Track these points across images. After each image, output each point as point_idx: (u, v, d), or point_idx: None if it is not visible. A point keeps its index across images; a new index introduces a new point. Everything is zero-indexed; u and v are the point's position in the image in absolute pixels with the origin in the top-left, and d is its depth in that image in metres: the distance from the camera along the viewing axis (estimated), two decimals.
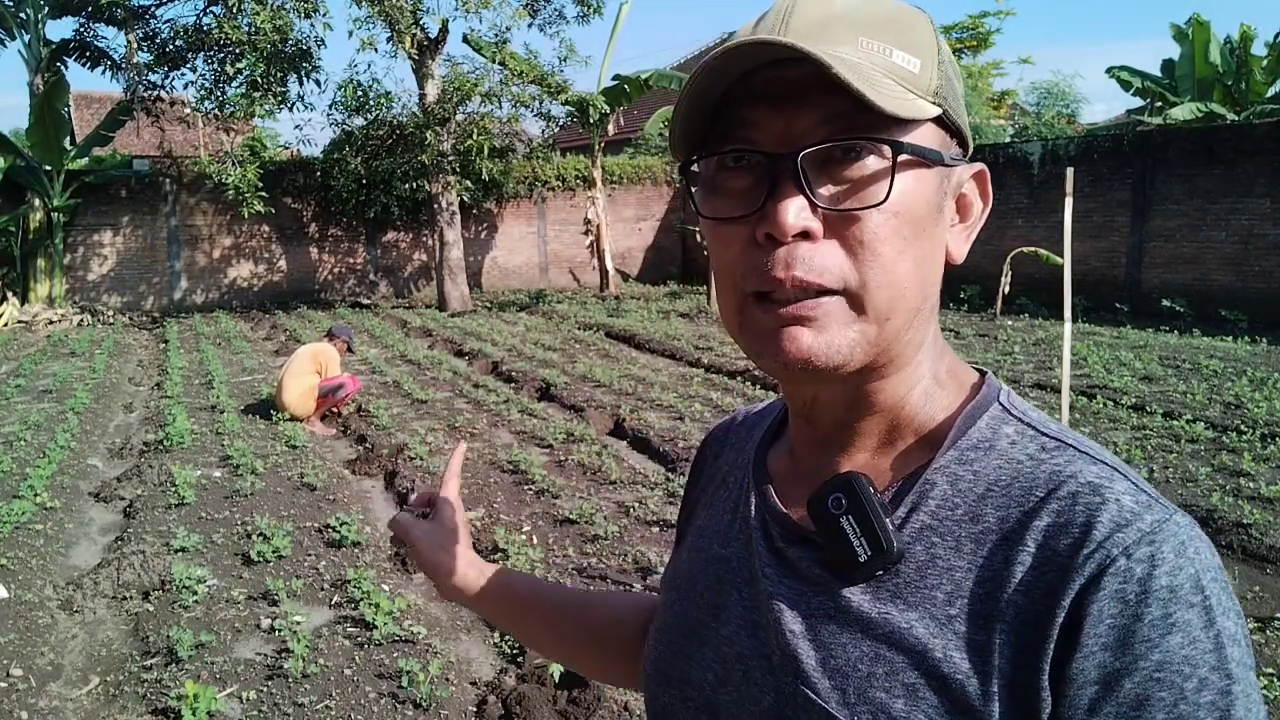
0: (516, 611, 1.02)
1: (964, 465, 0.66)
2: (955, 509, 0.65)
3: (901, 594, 0.65)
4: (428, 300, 17.82)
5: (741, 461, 0.83)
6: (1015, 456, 0.66)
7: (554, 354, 11.00)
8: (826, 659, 0.66)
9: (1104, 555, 0.58)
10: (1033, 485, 0.63)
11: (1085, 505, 0.61)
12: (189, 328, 14.70)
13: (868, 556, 0.65)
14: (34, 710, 3.49)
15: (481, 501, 5.65)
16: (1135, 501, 0.60)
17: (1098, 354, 9.99)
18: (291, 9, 14.29)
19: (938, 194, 0.67)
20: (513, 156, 17.14)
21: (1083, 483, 0.62)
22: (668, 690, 0.78)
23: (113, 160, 17.42)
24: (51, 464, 6.45)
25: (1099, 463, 0.64)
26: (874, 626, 0.65)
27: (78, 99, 24.52)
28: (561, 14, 16.54)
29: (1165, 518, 0.60)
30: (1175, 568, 0.58)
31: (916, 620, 0.63)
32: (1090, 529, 0.59)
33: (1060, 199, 4.43)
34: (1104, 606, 0.57)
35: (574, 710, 3.30)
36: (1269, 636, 3.77)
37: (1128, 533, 0.59)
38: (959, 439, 0.67)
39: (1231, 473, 5.75)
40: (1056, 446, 0.65)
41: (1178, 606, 0.57)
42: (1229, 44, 16.34)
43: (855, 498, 0.66)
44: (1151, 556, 0.58)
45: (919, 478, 0.67)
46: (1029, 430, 0.67)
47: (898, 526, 0.66)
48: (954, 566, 0.64)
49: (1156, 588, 0.57)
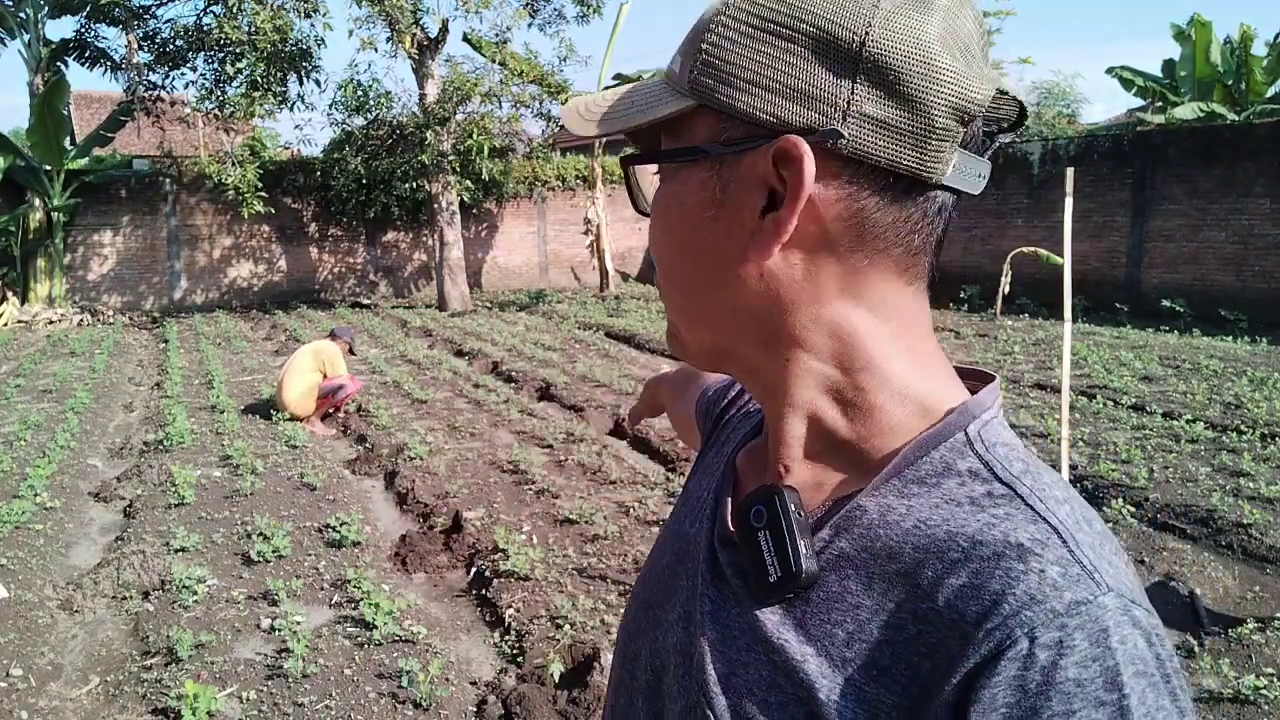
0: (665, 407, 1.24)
1: (901, 498, 0.60)
2: (876, 541, 0.59)
3: (805, 624, 0.60)
4: (428, 300, 17.83)
5: (732, 440, 0.81)
6: (956, 498, 0.58)
7: (554, 354, 11.00)
8: (730, 676, 0.62)
9: (1004, 634, 0.51)
10: (959, 534, 0.56)
11: (1005, 570, 0.53)
12: (189, 327, 14.70)
13: (777, 577, 0.60)
14: (34, 710, 3.49)
15: (481, 501, 5.65)
16: (1062, 574, 0.52)
17: (1098, 354, 9.99)
18: (291, 9, 14.30)
19: (708, 188, 0.62)
20: (513, 156, 17.15)
21: (1011, 544, 0.54)
22: (624, 665, 0.77)
23: (113, 160, 17.43)
24: (51, 464, 6.45)
25: (1039, 521, 0.55)
26: (774, 652, 0.60)
27: (78, 99, 24.50)
28: (561, 14, 16.57)
29: (1088, 598, 0.52)
30: (1088, 659, 0.50)
31: (811, 656, 0.59)
32: (1001, 600, 0.52)
33: (1060, 199, 4.43)
34: (998, 694, 0.50)
35: (574, 710, 3.30)
36: (1269, 636, 3.77)
37: (1037, 611, 0.51)
38: (903, 468, 0.61)
39: (1231, 473, 5.75)
40: (1004, 495, 0.57)
41: (1084, 704, 0.49)
42: (1229, 44, 16.34)
43: (775, 512, 0.62)
44: (1060, 642, 0.50)
45: (849, 501, 0.62)
46: (984, 470, 0.59)
47: (818, 550, 0.61)
48: (861, 605, 0.58)
49: (1061, 679, 0.50)
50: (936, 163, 0.58)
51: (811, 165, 0.57)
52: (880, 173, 0.58)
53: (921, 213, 0.60)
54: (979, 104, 0.58)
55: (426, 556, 4.91)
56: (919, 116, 0.57)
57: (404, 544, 5.08)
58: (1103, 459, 6.06)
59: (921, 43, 0.56)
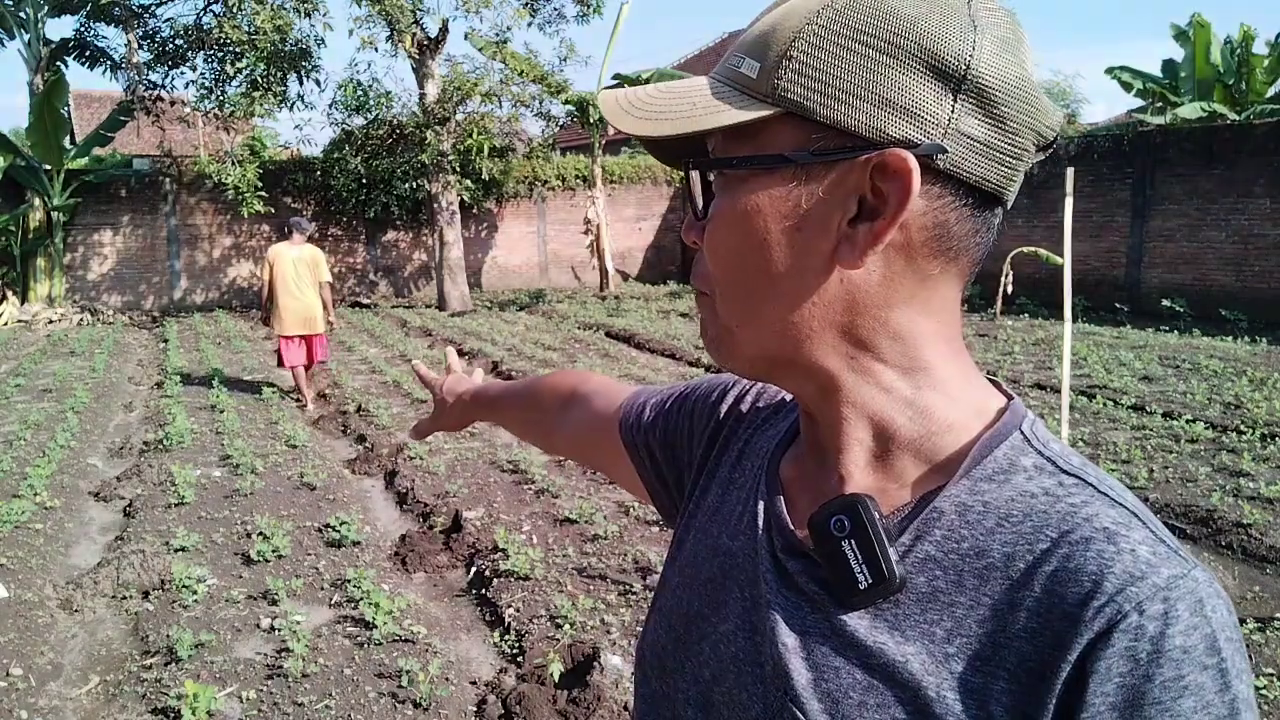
0: (490, 417, 1.32)
1: (975, 495, 0.63)
2: (962, 541, 0.62)
3: (899, 625, 0.62)
4: (427, 300, 17.82)
5: (759, 451, 0.80)
6: (1029, 490, 0.62)
7: (554, 354, 11.00)
8: (818, 680, 0.64)
9: (1115, 610, 0.55)
10: (1044, 524, 0.60)
11: (1098, 553, 0.57)
12: (189, 327, 14.70)
13: (868, 584, 0.62)
14: (34, 709, 3.49)
15: (481, 501, 5.65)
16: (1152, 553, 0.57)
17: (1098, 354, 9.99)
18: (291, 8, 14.29)
19: (791, 197, 0.62)
20: (513, 156, 17.14)
21: (1098, 527, 0.58)
22: (663, 678, 0.77)
23: (113, 160, 17.42)
24: (51, 463, 6.45)
25: (1118, 506, 0.60)
26: (869, 655, 0.62)
27: (78, 98, 24.51)
28: (561, 14, 16.54)
29: (1183, 573, 0.56)
30: (1190, 627, 0.55)
31: (913, 655, 0.61)
32: (1102, 580, 0.56)
33: (1060, 199, 4.43)
34: (1113, 664, 0.54)
35: (574, 710, 3.30)
36: (1269, 636, 3.77)
37: (1142, 587, 0.55)
38: (973, 468, 0.64)
39: (1231, 473, 5.75)
40: (1075, 484, 0.62)
41: (1191, 669, 0.54)
42: (1229, 44, 16.33)
43: (859, 521, 0.63)
44: (1165, 614, 0.55)
45: (927, 505, 0.64)
46: (1048, 464, 0.63)
47: (901, 555, 0.63)
48: (955, 602, 0.61)
49: (1170, 647, 0.54)
50: (1014, 182, 0.63)
51: (918, 179, 0.59)
52: (967, 188, 0.62)
53: (989, 226, 0.64)
54: (1054, 131, 0.63)
55: (426, 556, 4.91)
56: (1011, 139, 0.61)
57: (404, 544, 5.08)
58: (1103, 459, 6.06)
59: (1023, 72, 0.61)
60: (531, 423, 1.23)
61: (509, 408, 1.27)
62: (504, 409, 1.28)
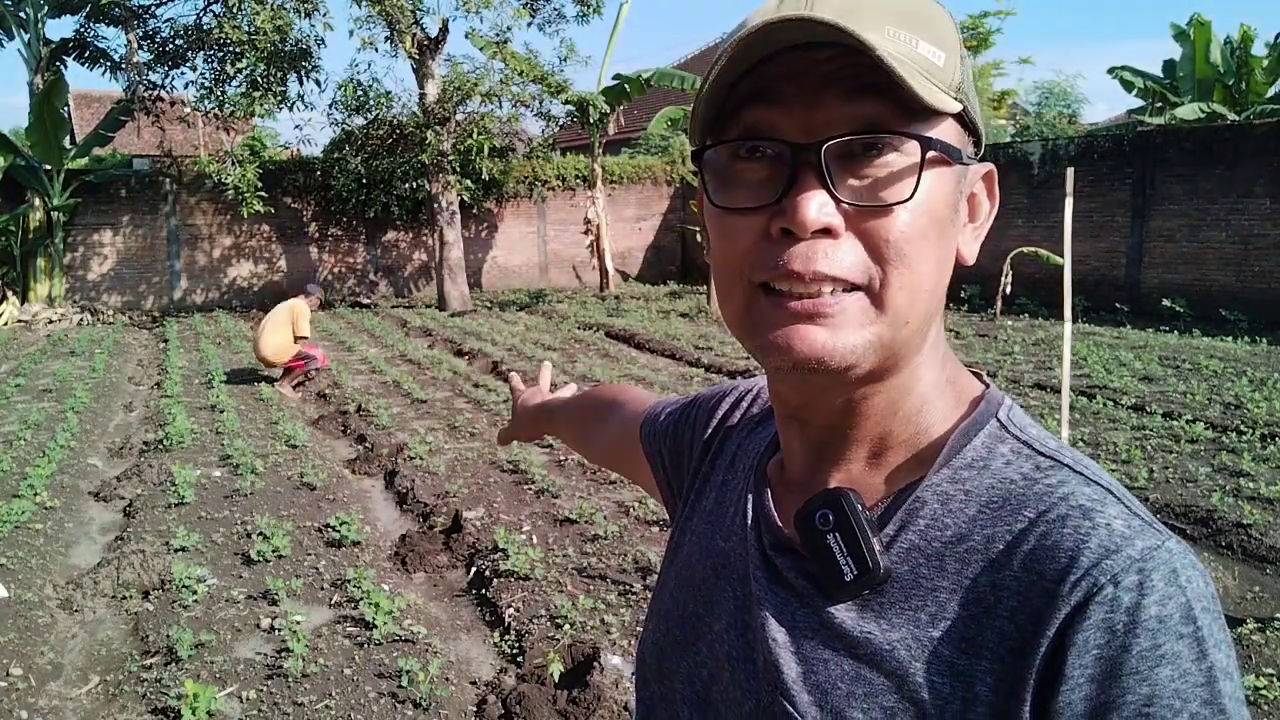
0: (552, 430, 1.37)
1: (956, 484, 0.64)
2: (944, 529, 0.63)
3: (885, 614, 0.63)
4: (428, 300, 17.82)
5: (750, 454, 0.81)
6: (1008, 476, 0.63)
7: (554, 354, 11.00)
8: (807, 673, 0.65)
9: (1090, 582, 0.56)
10: (1021, 506, 0.61)
11: (1074, 529, 0.58)
12: (189, 327, 14.70)
13: (854, 576, 0.63)
14: (34, 709, 3.49)
15: (481, 501, 5.65)
16: (1126, 526, 0.58)
17: (1098, 354, 9.99)
18: (291, 8, 14.29)
19: (955, 193, 0.65)
20: (513, 156, 17.14)
21: (1073, 505, 0.60)
22: (661, 680, 0.78)
23: (113, 160, 17.43)
24: (51, 463, 6.45)
25: (1093, 484, 0.61)
26: (856, 645, 0.63)
27: (78, 98, 24.49)
28: (561, 13, 16.55)
29: (1157, 544, 0.57)
30: (1165, 596, 0.55)
31: (899, 642, 0.62)
32: (1078, 554, 0.57)
33: (1060, 199, 4.43)
34: (1090, 636, 0.55)
35: (574, 710, 3.30)
36: (1269, 636, 3.77)
37: (1116, 559, 0.56)
38: (952, 456, 0.65)
39: (1231, 473, 5.75)
40: (1051, 466, 0.63)
41: (1167, 638, 0.55)
42: (1229, 44, 16.33)
43: (843, 515, 0.64)
44: (1140, 585, 0.55)
45: (909, 495, 0.65)
46: (1025, 449, 0.65)
47: (885, 545, 0.64)
48: (939, 588, 0.62)
49: (1145, 618, 0.55)
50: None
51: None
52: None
53: None
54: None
55: (426, 556, 4.91)
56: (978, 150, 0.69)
57: (404, 544, 5.08)
58: (1103, 459, 6.06)
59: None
60: (577, 436, 1.29)
61: (561, 422, 1.33)
62: (558, 422, 1.34)
